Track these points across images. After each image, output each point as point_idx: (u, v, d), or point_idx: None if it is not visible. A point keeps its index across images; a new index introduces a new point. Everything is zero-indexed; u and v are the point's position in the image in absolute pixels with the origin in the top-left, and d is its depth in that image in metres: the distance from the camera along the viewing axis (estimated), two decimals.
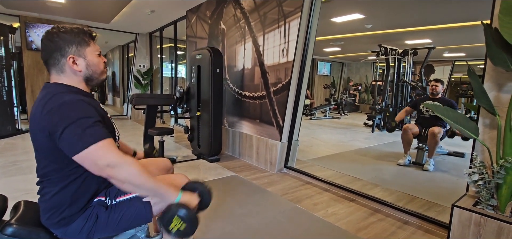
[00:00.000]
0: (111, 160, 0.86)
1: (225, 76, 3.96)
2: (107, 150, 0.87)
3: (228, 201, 2.30)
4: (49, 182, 0.96)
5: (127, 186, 0.89)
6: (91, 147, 0.85)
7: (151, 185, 0.93)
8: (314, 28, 2.94)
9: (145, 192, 0.96)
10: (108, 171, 0.86)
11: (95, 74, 1.04)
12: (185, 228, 0.95)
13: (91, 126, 0.87)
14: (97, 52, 1.05)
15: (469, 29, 5.49)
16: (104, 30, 6.88)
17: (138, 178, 0.89)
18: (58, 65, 0.97)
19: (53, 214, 0.95)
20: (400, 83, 6.52)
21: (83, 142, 0.85)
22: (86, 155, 0.85)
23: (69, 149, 0.86)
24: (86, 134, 0.85)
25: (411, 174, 3.25)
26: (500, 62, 1.41)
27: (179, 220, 0.94)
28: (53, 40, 0.95)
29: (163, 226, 0.95)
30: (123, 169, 0.87)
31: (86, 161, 0.87)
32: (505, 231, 1.32)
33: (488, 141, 1.59)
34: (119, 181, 0.88)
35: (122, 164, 0.87)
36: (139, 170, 0.89)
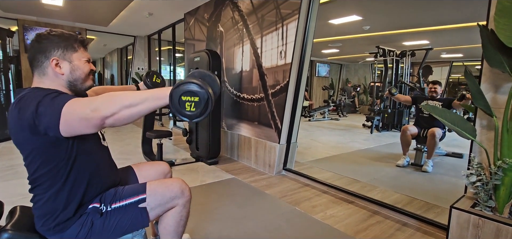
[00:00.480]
0: (90, 105, 0.81)
1: (223, 79, 3.96)
2: (81, 101, 0.84)
3: (226, 204, 2.29)
4: (40, 188, 0.95)
5: (124, 112, 0.82)
6: (66, 105, 0.82)
7: (144, 94, 0.84)
8: (311, 30, 2.95)
9: (142, 106, 0.84)
10: (96, 115, 0.80)
11: (79, 80, 1.01)
12: (200, 99, 0.81)
13: (58, 95, 0.87)
14: (85, 58, 1.03)
15: (466, 30, 5.52)
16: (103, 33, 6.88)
17: (125, 98, 0.82)
18: (41, 67, 0.96)
19: (48, 220, 0.95)
20: (398, 84, 6.54)
21: (56, 107, 0.82)
22: (67, 116, 0.81)
23: (50, 123, 0.82)
24: (56, 100, 0.84)
25: (410, 175, 3.25)
26: (496, 64, 1.41)
27: (189, 94, 0.81)
28: (41, 41, 0.95)
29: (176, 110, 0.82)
30: (107, 103, 0.81)
31: (72, 122, 0.82)
32: (504, 233, 1.31)
33: (486, 142, 1.59)
34: (114, 115, 0.81)
35: (104, 99, 0.82)
36: (120, 93, 0.84)
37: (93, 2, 4.56)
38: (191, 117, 0.83)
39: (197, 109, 0.82)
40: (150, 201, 1.07)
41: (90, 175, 1.01)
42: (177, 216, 1.14)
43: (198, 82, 0.82)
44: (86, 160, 0.99)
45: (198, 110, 0.82)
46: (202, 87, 0.82)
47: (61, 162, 0.92)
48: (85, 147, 0.99)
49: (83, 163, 0.98)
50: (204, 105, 0.82)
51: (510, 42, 1.32)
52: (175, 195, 1.11)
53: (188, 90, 0.81)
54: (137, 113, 0.84)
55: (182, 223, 1.17)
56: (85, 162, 0.99)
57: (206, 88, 0.82)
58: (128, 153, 3.94)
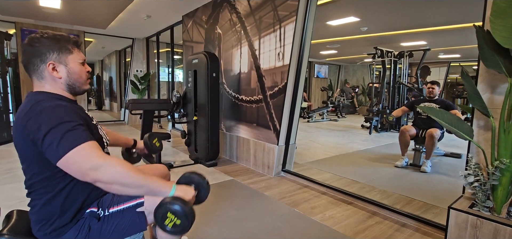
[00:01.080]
0: (93, 162, 0.83)
1: (221, 81, 3.96)
2: (89, 152, 0.84)
3: (225, 206, 2.29)
4: (36, 193, 0.95)
5: (116, 187, 0.86)
6: (73, 150, 0.82)
7: (141, 181, 0.88)
8: (309, 32, 2.96)
9: (135, 191, 0.90)
10: (92, 174, 0.83)
11: (77, 83, 1.01)
12: (181, 223, 0.89)
13: (71, 129, 0.85)
14: (81, 60, 1.02)
15: (463, 31, 5.55)
16: (101, 35, 6.87)
17: (125, 176, 0.85)
18: (38, 71, 0.95)
19: (44, 225, 0.94)
20: (397, 85, 6.56)
21: (64, 146, 0.82)
22: (69, 159, 0.83)
23: (51, 155, 0.84)
24: (66, 138, 0.83)
25: (409, 176, 3.26)
26: (493, 64, 1.42)
27: (174, 215, 0.88)
28: (34, 45, 0.94)
29: (157, 222, 0.90)
30: (108, 170, 0.84)
31: (69, 167, 0.84)
32: (501, 233, 1.32)
33: (483, 142, 1.60)
34: (106, 183, 0.85)
35: (106, 165, 0.84)
36: (124, 168, 0.86)
37: (91, 4, 4.56)
38: (164, 229, 0.91)
39: (172, 229, 0.90)
40: (148, 205, 1.06)
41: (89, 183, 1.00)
42: None
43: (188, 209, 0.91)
44: None
45: (173, 230, 0.91)
46: (188, 219, 0.90)
47: (58, 173, 0.92)
48: None
49: None
50: (180, 230, 0.91)
51: (505, 43, 1.32)
52: None
53: (176, 212, 0.89)
54: (126, 193, 0.91)
55: None
56: None
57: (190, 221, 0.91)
58: None
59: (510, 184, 1.40)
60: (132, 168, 0.88)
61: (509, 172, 1.39)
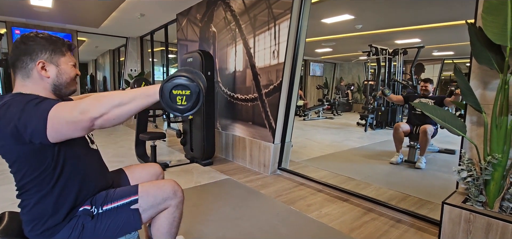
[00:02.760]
0: (79, 108, 0.79)
1: (216, 79, 3.94)
2: (68, 104, 0.82)
3: (221, 205, 2.28)
4: (27, 194, 0.93)
5: (113, 112, 0.80)
6: (52, 110, 0.80)
7: (133, 93, 0.83)
8: (304, 30, 2.96)
9: (132, 106, 0.82)
10: (85, 117, 0.78)
11: (64, 84, 1.00)
12: (192, 92, 0.80)
13: (40, 101, 0.84)
14: (72, 63, 1.02)
15: (456, 28, 5.60)
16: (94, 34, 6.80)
17: (114, 98, 0.80)
18: (25, 69, 0.93)
19: (36, 225, 0.93)
20: (391, 82, 6.61)
21: (41, 112, 0.80)
22: (54, 121, 0.79)
23: (36, 131, 0.80)
24: (40, 106, 0.81)
25: (404, 172, 3.29)
26: (485, 61, 1.43)
27: (179, 89, 0.80)
28: (28, 43, 0.93)
29: (168, 107, 0.80)
30: (96, 104, 0.79)
31: (59, 127, 0.80)
32: (494, 227, 1.34)
33: (476, 138, 1.61)
34: (102, 117, 0.79)
35: (91, 101, 0.80)
36: (109, 93, 0.82)
37: (84, 3, 4.51)
38: (183, 111, 0.81)
39: (188, 103, 0.81)
40: (142, 202, 1.06)
41: (80, 179, 0.99)
42: (170, 217, 1.13)
43: (188, 75, 0.81)
44: (74, 165, 0.97)
45: (189, 104, 0.81)
46: (192, 80, 0.80)
47: (48, 169, 0.90)
48: (73, 152, 0.97)
49: (71, 168, 0.97)
50: (195, 98, 0.81)
51: (497, 39, 1.34)
52: (167, 196, 1.10)
53: (179, 84, 0.79)
54: (127, 112, 0.82)
55: (175, 224, 1.16)
56: (73, 167, 0.97)
57: (196, 81, 0.81)
58: (122, 156, 3.89)
59: (502, 178, 1.42)
60: (117, 91, 0.84)
61: (501, 167, 1.40)
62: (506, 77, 1.37)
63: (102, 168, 1.16)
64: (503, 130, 1.39)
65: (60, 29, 6.13)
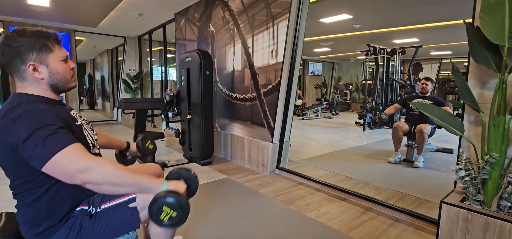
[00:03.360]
0: (81, 165, 0.81)
1: (215, 79, 3.94)
2: (74, 155, 0.82)
3: (220, 204, 2.28)
4: (22, 196, 0.92)
5: (106, 187, 0.84)
6: (57, 155, 0.80)
7: (132, 179, 0.88)
8: (302, 29, 2.96)
9: (127, 190, 0.90)
10: (81, 177, 0.81)
11: (61, 83, 0.98)
12: (177, 215, 0.89)
13: (52, 133, 0.82)
14: (62, 58, 0.97)
15: (454, 27, 5.62)
16: (92, 34, 6.76)
17: (115, 176, 0.84)
18: (18, 72, 0.92)
19: (32, 226, 0.92)
20: (390, 82, 6.62)
21: (47, 152, 0.79)
22: (54, 164, 0.80)
23: (35, 162, 0.81)
24: (47, 144, 0.80)
25: (402, 171, 3.30)
26: (482, 60, 1.44)
27: (169, 208, 0.88)
28: (12, 45, 0.89)
29: (152, 218, 0.89)
30: (96, 171, 0.82)
31: (55, 171, 0.82)
32: (492, 226, 1.34)
33: (474, 137, 1.62)
34: (95, 185, 0.83)
35: (94, 166, 0.82)
36: (113, 167, 0.84)
37: (81, 2, 4.48)
38: (161, 224, 0.90)
39: (169, 222, 0.90)
40: (140, 201, 1.05)
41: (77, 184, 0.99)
42: None
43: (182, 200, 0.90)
44: None
45: (170, 222, 0.90)
46: (183, 209, 0.90)
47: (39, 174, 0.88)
48: None
49: None
50: (177, 221, 0.91)
51: (495, 39, 1.34)
52: None
53: (170, 205, 0.89)
54: (118, 192, 0.90)
55: None
56: None
57: (186, 211, 0.91)
58: None
59: (500, 177, 1.42)
60: (121, 167, 0.87)
61: (498, 166, 1.41)
62: (504, 77, 1.37)
63: None
64: (501, 129, 1.40)
65: (57, 28, 6.10)
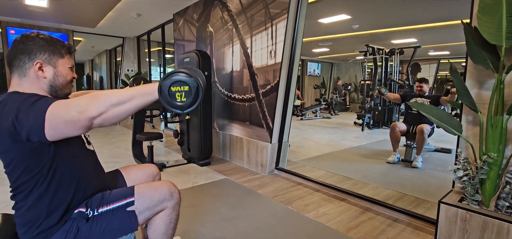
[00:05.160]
0: (76, 106, 0.79)
1: (214, 79, 3.93)
2: (65, 102, 0.82)
3: (218, 205, 2.28)
4: (22, 195, 0.92)
5: (112, 112, 0.80)
6: (49, 109, 0.79)
7: (131, 92, 0.82)
8: (301, 29, 2.96)
9: (130, 105, 0.82)
10: (83, 116, 0.77)
11: (60, 86, 1.00)
12: (190, 87, 0.79)
13: (38, 99, 0.84)
14: (70, 65, 1.02)
15: (451, 28, 5.64)
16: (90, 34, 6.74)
17: (112, 96, 0.80)
18: (22, 68, 0.93)
19: (30, 228, 0.92)
20: (388, 82, 6.64)
21: (39, 111, 0.79)
22: (51, 119, 0.79)
23: (34, 129, 0.79)
24: (37, 105, 0.81)
25: (400, 171, 3.30)
26: (480, 60, 1.44)
27: (178, 85, 0.79)
28: (26, 43, 0.93)
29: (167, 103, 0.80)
30: (93, 103, 0.78)
31: (57, 126, 0.80)
32: (490, 226, 1.34)
33: (472, 137, 1.62)
34: (100, 116, 0.79)
35: (89, 100, 0.79)
36: (107, 92, 0.82)
37: (79, 3, 4.47)
38: (183, 108, 0.81)
39: (187, 99, 0.80)
40: (139, 204, 1.05)
41: (75, 181, 0.99)
42: (166, 219, 1.12)
43: (186, 71, 0.80)
44: (69, 165, 0.97)
45: (189, 100, 0.80)
46: (191, 76, 0.80)
47: (43, 169, 0.90)
48: (68, 152, 0.96)
49: (67, 169, 0.96)
50: (194, 93, 0.80)
51: (492, 39, 1.35)
52: (164, 198, 1.10)
53: (178, 80, 0.79)
54: (125, 111, 0.82)
55: (172, 225, 1.16)
56: (68, 168, 0.96)
57: (195, 77, 0.80)
58: (118, 156, 3.87)
59: (498, 177, 1.43)
60: (114, 89, 0.85)
61: (496, 166, 1.41)
62: (502, 77, 1.38)
63: (98, 169, 1.15)
64: (499, 129, 1.40)
65: (55, 29, 6.08)
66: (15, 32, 5.64)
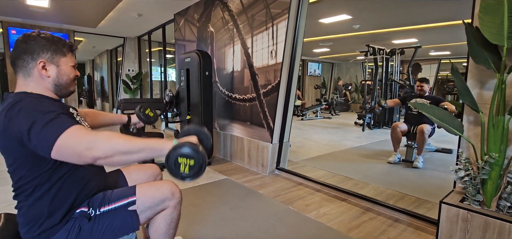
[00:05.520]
0: (87, 141, 0.81)
1: (214, 79, 3.93)
2: (78, 134, 0.82)
3: (219, 205, 2.28)
4: (24, 195, 0.92)
5: (117, 158, 0.83)
6: (62, 136, 0.80)
7: (141, 144, 0.85)
8: (302, 29, 2.96)
9: (137, 156, 0.86)
10: (89, 154, 0.80)
11: (64, 84, 1.01)
12: (195, 162, 0.84)
13: (55, 117, 0.83)
14: (72, 63, 1.03)
15: (453, 28, 5.63)
16: (91, 34, 6.76)
17: (123, 144, 0.83)
18: (26, 68, 0.94)
19: (32, 227, 0.92)
20: (389, 82, 6.63)
21: (52, 134, 0.80)
22: (61, 146, 0.80)
23: (42, 149, 0.82)
24: (50, 128, 0.81)
25: (401, 172, 3.30)
26: (481, 60, 1.44)
27: (185, 157, 0.83)
28: (28, 42, 0.93)
29: (172, 173, 0.85)
30: (103, 144, 0.81)
31: (64, 153, 0.82)
32: (491, 226, 1.34)
33: (473, 137, 1.62)
34: (106, 158, 0.82)
35: (100, 140, 0.81)
36: (119, 137, 0.84)
37: (80, 3, 4.48)
38: (183, 178, 0.86)
39: (190, 172, 0.85)
40: (140, 204, 1.05)
41: (77, 181, 0.99)
42: (168, 218, 1.12)
43: (194, 146, 0.85)
44: (72, 166, 0.97)
45: (191, 173, 0.85)
46: (198, 152, 0.85)
47: (46, 170, 0.90)
48: None
49: (69, 170, 0.96)
50: (197, 169, 0.85)
51: (494, 39, 1.35)
52: (165, 197, 1.10)
53: (187, 154, 0.84)
54: (131, 160, 0.86)
55: (173, 225, 1.16)
56: (71, 169, 0.97)
57: (202, 154, 0.85)
58: None
59: (499, 177, 1.43)
60: (126, 136, 0.86)
61: (498, 166, 1.41)
62: (503, 77, 1.38)
63: (100, 169, 1.15)
64: (500, 129, 1.40)
65: (57, 29, 6.09)
66: (16, 32, 5.65)
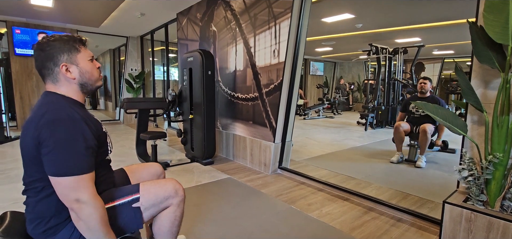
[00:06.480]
0: (81, 197, 0.87)
1: (217, 78, 3.94)
2: (84, 185, 0.88)
3: (222, 204, 2.28)
4: (33, 191, 0.94)
5: (81, 224, 0.89)
6: (69, 177, 0.86)
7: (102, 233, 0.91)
8: (304, 29, 2.95)
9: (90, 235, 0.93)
10: (74, 205, 0.87)
11: (89, 82, 1.03)
12: None
13: (78, 153, 0.88)
14: (89, 57, 1.04)
15: (456, 27, 5.60)
16: (94, 34, 6.79)
17: (94, 225, 0.89)
18: (53, 75, 0.97)
19: (39, 224, 0.94)
20: (392, 81, 6.60)
21: (64, 169, 0.86)
22: (62, 182, 0.86)
23: (48, 167, 0.87)
24: (68, 161, 0.86)
25: (404, 171, 3.29)
26: (486, 60, 1.43)
27: None
28: (45, 49, 0.96)
29: None
30: (87, 211, 0.88)
31: (58, 186, 0.88)
32: (495, 226, 1.34)
33: (477, 137, 1.61)
34: (77, 217, 0.88)
35: (89, 205, 0.88)
36: (99, 218, 0.89)
37: (84, 2, 4.50)
38: None
39: None
40: (144, 201, 1.06)
41: None
42: (171, 216, 1.13)
43: None
44: None
45: None
46: None
47: None
48: None
49: None
50: None
51: (498, 38, 1.34)
52: (169, 195, 1.11)
53: None
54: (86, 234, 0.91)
55: (177, 223, 1.17)
56: None
57: None
58: (122, 155, 3.90)
59: (503, 178, 1.42)
60: (105, 222, 0.92)
61: (502, 166, 1.40)
62: (508, 77, 1.37)
63: (108, 169, 1.17)
64: (504, 129, 1.39)
65: (60, 28, 6.13)
66: (20, 32, 5.69)
